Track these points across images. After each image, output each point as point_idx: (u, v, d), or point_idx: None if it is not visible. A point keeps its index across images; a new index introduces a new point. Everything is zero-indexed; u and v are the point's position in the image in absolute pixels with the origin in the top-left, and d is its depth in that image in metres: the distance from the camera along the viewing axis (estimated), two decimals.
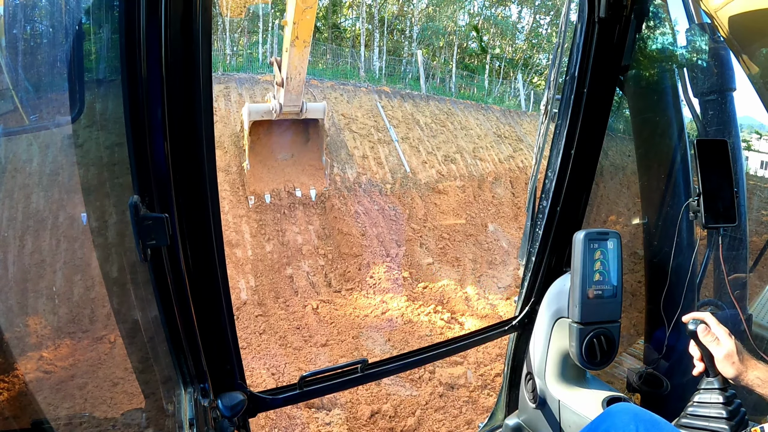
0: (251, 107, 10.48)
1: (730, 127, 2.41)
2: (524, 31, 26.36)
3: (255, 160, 10.84)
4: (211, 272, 1.52)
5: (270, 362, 7.23)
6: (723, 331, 1.63)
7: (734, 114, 2.41)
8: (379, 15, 21.91)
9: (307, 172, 11.47)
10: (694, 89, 2.43)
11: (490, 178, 14.48)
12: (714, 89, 2.39)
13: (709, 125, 2.42)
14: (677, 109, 2.50)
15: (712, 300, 2.45)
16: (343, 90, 14.57)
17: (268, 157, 11.22)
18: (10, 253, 1.50)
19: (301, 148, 11.63)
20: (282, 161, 11.44)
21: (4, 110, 1.33)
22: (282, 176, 11.18)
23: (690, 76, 2.44)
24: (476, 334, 2.45)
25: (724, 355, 1.58)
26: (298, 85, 9.82)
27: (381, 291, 9.43)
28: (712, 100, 2.42)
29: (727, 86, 2.39)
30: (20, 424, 1.06)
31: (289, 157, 11.55)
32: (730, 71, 2.37)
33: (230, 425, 1.67)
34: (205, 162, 1.39)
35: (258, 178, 10.87)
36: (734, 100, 2.40)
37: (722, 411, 1.59)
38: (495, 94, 22.91)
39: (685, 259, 2.35)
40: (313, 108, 10.70)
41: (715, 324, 1.65)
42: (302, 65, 9.48)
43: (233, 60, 17.47)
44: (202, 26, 1.29)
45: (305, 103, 10.44)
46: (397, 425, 6.14)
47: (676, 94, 2.52)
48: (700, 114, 2.43)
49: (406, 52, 22.47)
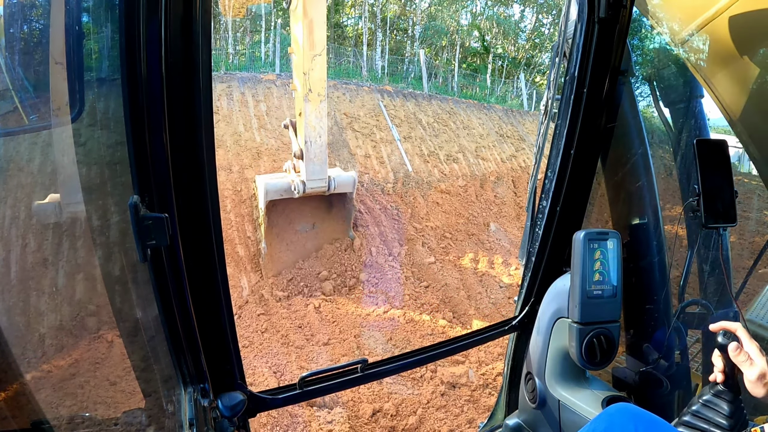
0: (268, 184, 8.67)
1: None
2: (527, 30, 26.34)
3: (272, 236, 9.34)
4: (211, 272, 1.52)
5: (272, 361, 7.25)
6: (755, 348, 1.50)
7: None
8: (382, 14, 21.89)
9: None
10: (694, 89, 2.43)
11: (492, 177, 14.47)
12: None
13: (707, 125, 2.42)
14: (677, 109, 2.50)
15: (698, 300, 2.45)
16: (345, 89, 14.57)
17: (286, 230, 9.62)
18: (11, 253, 1.51)
19: (324, 217, 10.00)
20: (302, 234, 9.81)
21: (4, 110, 1.33)
22: (303, 253, 9.71)
23: (690, 75, 2.43)
24: (476, 333, 2.46)
25: (758, 376, 1.45)
26: (320, 152, 8.50)
27: (382, 290, 9.42)
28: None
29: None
30: (20, 424, 1.07)
31: (310, 229, 9.90)
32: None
33: (230, 425, 1.67)
34: (205, 162, 1.39)
35: (276, 259, 9.42)
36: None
37: (723, 412, 1.59)
38: (497, 93, 22.88)
39: (685, 259, 2.35)
40: (342, 182, 9.13)
41: (748, 340, 1.52)
42: (322, 125, 8.33)
43: (235, 59, 17.48)
44: (202, 26, 1.29)
45: (333, 178, 8.88)
46: (399, 424, 6.15)
47: (676, 93, 2.52)
48: (700, 113, 2.43)
49: (409, 52, 22.44)
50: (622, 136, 2.36)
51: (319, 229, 9.99)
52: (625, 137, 2.37)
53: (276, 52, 16.60)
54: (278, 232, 9.52)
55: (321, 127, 8.36)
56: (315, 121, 8.27)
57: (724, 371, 1.58)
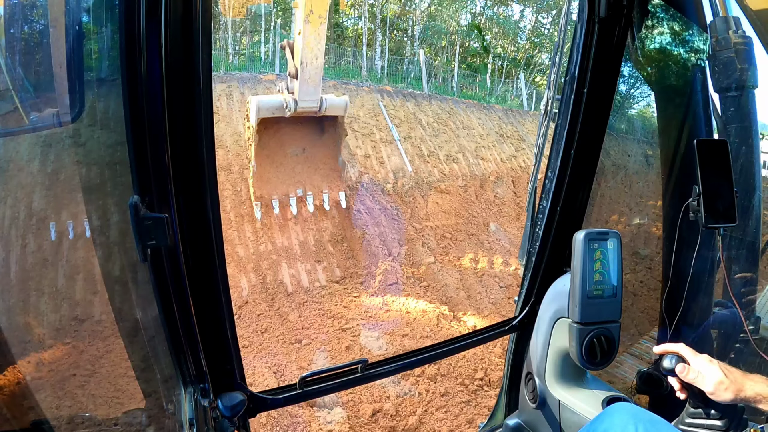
0: (261, 101, 8.72)
1: (734, 125, 2.41)
2: (526, 30, 26.34)
3: (262, 157, 9.34)
4: (211, 272, 1.52)
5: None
6: (702, 360, 1.54)
7: (744, 112, 2.40)
8: (381, 14, 21.89)
9: (321, 172, 10.10)
10: (695, 89, 2.43)
11: (492, 177, 14.46)
12: (728, 86, 2.38)
13: (709, 124, 2.41)
14: (677, 109, 2.50)
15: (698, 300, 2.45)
16: (345, 89, 14.55)
17: (276, 153, 9.61)
18: (11, 253, 1.51)
19: (315, 142, 9.97)
20: (292, 157, 9.80)
21: (4, 110, 1.33)
22: (292, 177, 9.78)
23: (690, 75, 2.43)
24: (476, 334, 2.46)
25: (714, 386, 1.49)
26: (315, 73, 8.40)
27: (382, 290, 9.42)
28: (715, 99, 2.41)
29: (742, 83, 2.37)
30: (20, 424, 1.07)
31: (300, 153, 9.90)
32: (746, 67, 2.35)
33: (230, 425, 1.67)
34: (205, 162, 1.39)
35: (265, 180, 9.51)
36: (743, 99, 2.39)
37: (721, 413, 1.58)
38: (497, 93, 22.88)
39: (685, 259, 2.35)
40: (334, 104, 9.14)
41: (692, 355, 1.56)
42: (319, 47, 8.19)
43: (235, 59, 17.48)
44: (202, 26, 1.29)
45: (324, 99, 8.91)
46: (399, 424, 6.14)
47: (676, 93, 2.52)
48: (700, 113, 2.43)
49: (408, 52, 22.45)
50: (623, 135, 2.36)
51: (309, 153, 9.98)
52: (625, 137, 2.37)
53: (276, 52, 16.59)
54: (268, 154, 9.50)
55: (318, 48, 8.25)
56: (313, 42, 8.15)
57: (683, 389, 1.61)
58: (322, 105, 8.88)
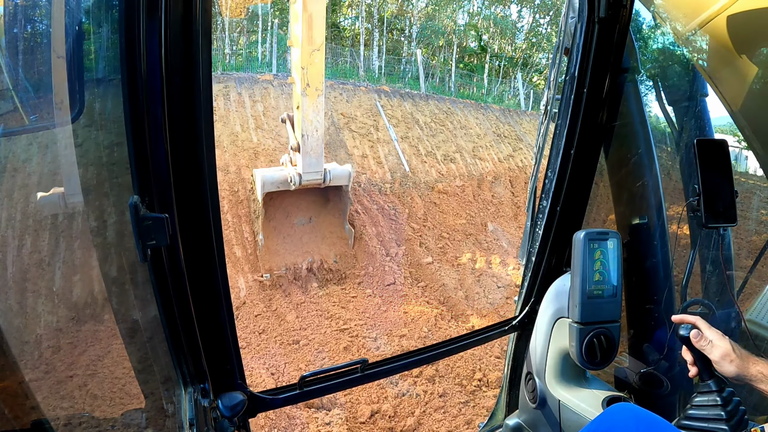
0: (265, 176, 8.84)
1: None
2: (524, 30, 26.38)
3: (269, 230, 9.45)
4: (211, 272, 1.52)
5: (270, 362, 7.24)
6: (715, 333, 1.61)
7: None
8: (379, 14, 21.92)
9: (328, 241, 10.09)
10: (696, 87, 2.43)
11: (489, 177, 14.48)
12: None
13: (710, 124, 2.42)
14: (677, 109, 2.51)
15: (700, 299, 2.46)
16: (342, 89, 14.58)
17: (283, 224, 9.70)
18: (10, 253, 1.50)
19: (320, 210, 10.09)
20: (299, 227, 9.87)
21: (4, 110, 1.33)
22: (300, 247, 9.73)
23: (690, 75, 2.44)
24: (476, 333, 2.46)
25: (721, 356, 1.56)
26: (317, 145, 8.57)
27: (380, 290, 9.42)
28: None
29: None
30: (20, 424, 1.06)
31: (307, 222, 9.96)
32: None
33: (230, 425, 1.67)
34: (205, 162, 1.39)
35: (273, 252, 9.46)
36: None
37: (721, 412, 1.59)
38: (494, 93, 22.93)
39: (685, 259, 2.36)
40: (338, 174, 9.24)
41: (707, 327, 1.63)
42: (318, 119, 8.38)
43: (232, 59, 17.47)
44: (202, 26, 1.29)
45: (328, 170, 9.03)
46: (397, 425, 6.14)
47: (677, 93, 2.52)
48: (701, 113, 2.43)
49: (406, 52, 22.46)
50: (623, 135, 2.37)
51: (315, 222, 10.07)
52: (625, 137, 2.38)
53: (273, 53, 16.62)
54: (275, 225, 9.61)
55: (318, 121, 8.41)
56: (312, 115, 8.32)
57: (695, 363, 1.65)
58: (326, 177, 9.02)
